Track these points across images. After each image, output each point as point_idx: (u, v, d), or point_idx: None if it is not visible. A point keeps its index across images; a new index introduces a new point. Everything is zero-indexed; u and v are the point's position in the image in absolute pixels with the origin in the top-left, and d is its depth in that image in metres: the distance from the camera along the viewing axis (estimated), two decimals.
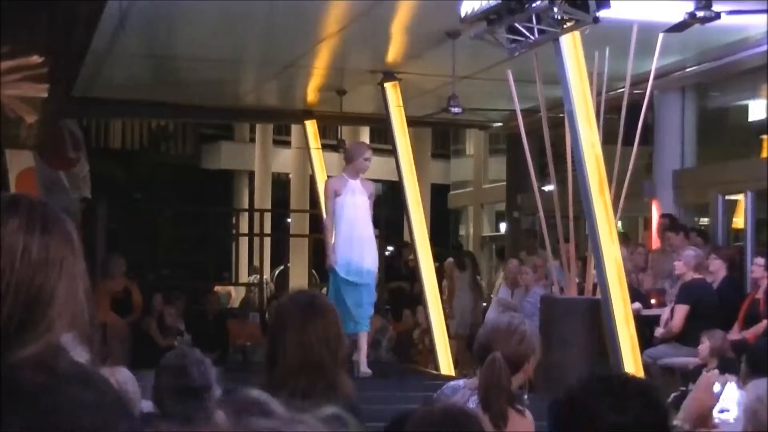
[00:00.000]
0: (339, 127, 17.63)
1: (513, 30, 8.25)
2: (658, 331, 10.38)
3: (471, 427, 2.90)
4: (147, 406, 4.52)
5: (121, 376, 4.35)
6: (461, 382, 4.27)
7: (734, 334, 9.52)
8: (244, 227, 22.31)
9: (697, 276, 10.22)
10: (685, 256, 10.28)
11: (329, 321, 3.58)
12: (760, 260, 9.94)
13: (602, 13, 7.63)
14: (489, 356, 3.92)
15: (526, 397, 4.24)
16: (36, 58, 2.41)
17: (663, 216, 12.63)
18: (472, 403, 3.98)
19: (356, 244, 10.04)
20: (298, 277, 19.44)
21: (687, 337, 9.82)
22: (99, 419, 1.68)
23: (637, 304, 10.27)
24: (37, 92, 2.43)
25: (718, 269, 10.51)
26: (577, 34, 8.49)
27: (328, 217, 10.15)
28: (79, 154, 15.11)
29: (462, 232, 23.07)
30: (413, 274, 14.60)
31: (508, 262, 13.02)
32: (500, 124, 17.24)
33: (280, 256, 21.59)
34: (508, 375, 3.92)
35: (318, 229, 17.63)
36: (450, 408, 3.00)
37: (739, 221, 12.83)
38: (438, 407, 3.00)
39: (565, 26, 8.05)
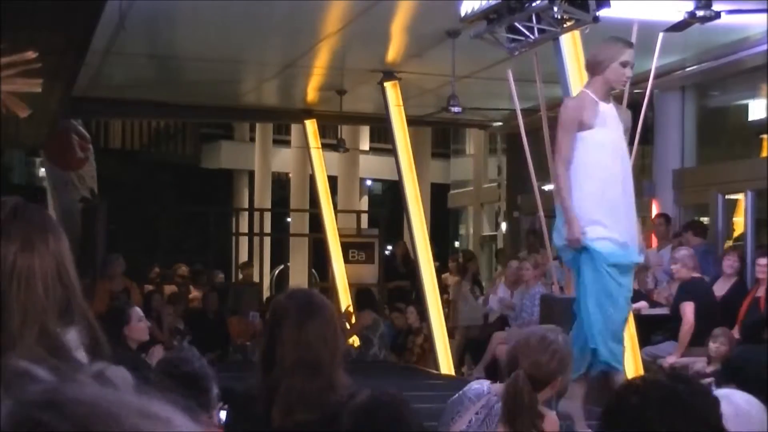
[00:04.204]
0: (339, 127, 17.62)
1: (513, 29, 8.24)
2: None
3: (401, 412, 2.87)
4: None
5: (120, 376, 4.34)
6: (485, 387, 4.06)
7: (735, 335, 9.50)
8: (244, 227, 22.31)
9: (695, 275, 10.19)
10: (681, 257, 10.21)
11: (326, 319, 3.56)
12: (763, 260, 9.90)
13: (602, 13, 7.62)
14: (513, 373, 3.79)
15: (554, 403, 4.14)
16: (30, 53, 2.40)
17: (658, 215, 12.62)
18: (498, 410, 3.90)
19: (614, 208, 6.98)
20: (298, 277, 19.45)
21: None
22: None
23: (642, 303, 10.19)
24: (31, 87, 2.42)
25: (736, 271, 10.40)
26: (577, 33, 8.48)
27: (562, 161, 6.91)
28: (87, 154, 15.15)
29: (462, 231, 23.06)
30: (412, 273, 14.59)
31: (509, 263, 13.04)
32: (500, 123, 17.23)
33: (280, 255, 21.59)
34: (531, 393, 3.76)
35: (318, 228, 17.65)
36: (378, 395, 2.95)
37: (739, 221, 12.80)
38: (365, 394, 2.95)
39: (565, 26, 8.04)
